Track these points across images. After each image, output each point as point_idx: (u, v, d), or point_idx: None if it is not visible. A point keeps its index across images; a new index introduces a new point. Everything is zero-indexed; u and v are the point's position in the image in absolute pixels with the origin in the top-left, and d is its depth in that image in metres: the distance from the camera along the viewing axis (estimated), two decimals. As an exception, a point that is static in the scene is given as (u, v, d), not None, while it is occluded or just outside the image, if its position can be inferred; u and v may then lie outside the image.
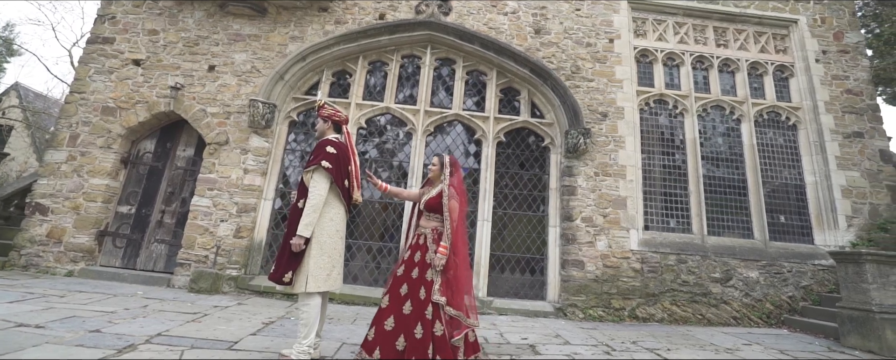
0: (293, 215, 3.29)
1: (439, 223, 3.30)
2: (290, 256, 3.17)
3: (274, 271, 3.21)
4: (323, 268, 3.25)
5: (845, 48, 7.78)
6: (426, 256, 3.23)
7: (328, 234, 3.32)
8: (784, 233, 7.17)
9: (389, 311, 3.12)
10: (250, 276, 6.22)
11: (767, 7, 7.84)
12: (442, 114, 7.07)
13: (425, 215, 3.40)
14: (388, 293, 3.20)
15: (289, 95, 6.85)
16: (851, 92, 7.59)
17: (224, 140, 6.47)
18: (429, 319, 3.07)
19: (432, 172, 3.49)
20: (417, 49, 7.34)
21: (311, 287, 3.17)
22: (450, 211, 3.23)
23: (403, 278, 3.22)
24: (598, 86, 7.21)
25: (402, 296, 3.16)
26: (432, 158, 3.55)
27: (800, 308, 6.51)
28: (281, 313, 5.12)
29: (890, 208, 7.16)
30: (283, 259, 3.20)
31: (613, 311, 6.40)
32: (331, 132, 3.62)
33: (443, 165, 3.43)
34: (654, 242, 6.76)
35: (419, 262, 3.24)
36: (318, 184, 3.25)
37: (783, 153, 7.50)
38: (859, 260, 5.20)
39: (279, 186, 6.71)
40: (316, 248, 3.23)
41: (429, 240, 3.27)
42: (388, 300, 3.16)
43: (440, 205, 3.28)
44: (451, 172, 3.39)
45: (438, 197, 3.32)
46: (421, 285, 3.17)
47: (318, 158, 3.28)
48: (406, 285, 3.19)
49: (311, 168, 3.28)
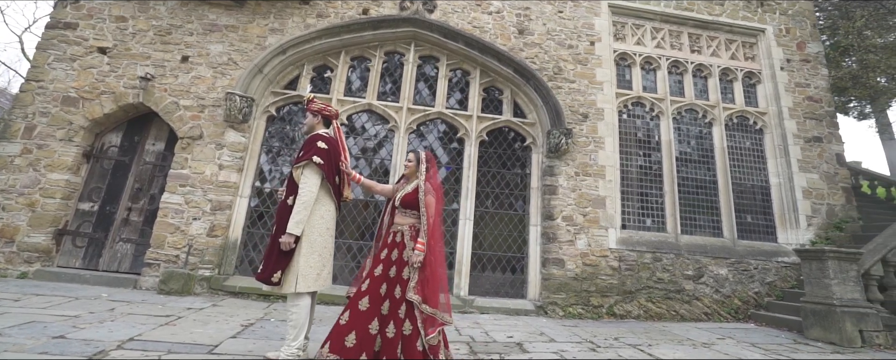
0: (282, 213, 3.17)
1: (416, 220, 3.24)
2: (278, 255, 3.05)
3: (261, 271, 3.08)
4: (313, 267, 3.14)
5: (807, 58, 8.23)
6: (404, 253, 3.16)
7: (319, 232, 3.21)
8: (751, 232, 7.51)
9: (371, 314, 3.02)
10: (224, 276, 5.97)
11: (738, 16, 8.19)
12: (425, 112, 7.01)
13: (400, 211, 3.31)
14: (368, 294, 3.07)
15: (267, 89, 6.61)
16: (812, 99, 8.03)
17: (198, 134, 6.17)
18: (401, 318, 3.02)
19: (408, 169, 3.42)
20: (401, 46, 7.24)
21: (302, 287, 3.05)
22: (426, 207, 3.17)
23: (382, 278, 3.13)
24: (579, 87, 7.33)
25: (382, 296, 3.08)
26: (408, 155, 3.48)
27: (765, 303, 6.83)
28: (259, 314, 4.93)
29: (845, 209, 7.62)
30: (271, 258, 3.07)
31: (592, 308, 6.51)
32: (320, 127, 3.51)
33: (419, 161, 3.37)
34: (632, 240, 6.93)
35: (397, 260, 3.16)
36: (309, 180, 3.14)
37: (750, 156, 7.86)
38: (822, 257, 5.49)
39: (256, 183, 6.47)
40: (306, 246, 3.12)
41: (406, 237, 3.20)
42: (368, 301, 3.04)
43: (416, 201, 3.22)
44: (427, 169, 3.34)
45: (415, 193, 3.26)
46: (397, 283, 3.10)
47: (309, 154, 3.17)
48: (385, 284, 3.11)
49: (302, 164, 3.17)
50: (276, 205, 6.46)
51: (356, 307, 3.01)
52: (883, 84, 9.79)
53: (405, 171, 3.47)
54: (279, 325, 4.49)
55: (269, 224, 6.41)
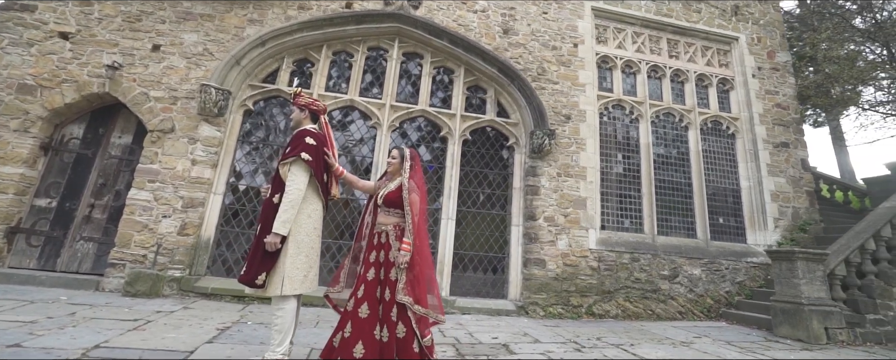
0: (267, 211, 3.01)
1: (400, 219, 3.14)
2: (263, 255, 2.89)
3: (245, 273, 2.91)
4: (300, 269, 3.00)
5: (776, 66, 8.57)
6: (390, 254, 3.06)
7: (306, 231, 3.08)
8: (722, 233, 7.76)
9: (373, 320, 2.92)
10: (196, 277, 5.69)
11: (714, 24, 8.45)
12: (408, 109, 6.89)
13: (383, 210, 3.21)
14: (366, 300, 2.96)
15: (245, 82, 6.33)
16: (780, 106, 8.37)
17: (169, 128, 5.84)
18: (393, 321, 2.92)
19: (392, 166, 3.32)
20: (384, 41, 7.10)
21: (288, 290, 2.91)
22: (411, 205, 3.08)
23: (375, 282, 3.03)
24: (562, 88, 7.38)
25: (379, 300, 2.99)
26: (392, 151, 3.38)
27: (735, 302, 7.06)
28: (234, 317, 4.72)
29: (808, 211, 7.98)
30: (255, 259, 2.91)
31: (572, 308, 6.57)
32: (307, 122, 3.36)
33: (403, 158, 3.28)
34: (611, 241, 7.04)
35: (384, 261, 3.06)
36: (297, 177, 2.99)
37: (723, 160, 8.12)
38: (792, 258, 5.71)
39: (231, 179, 6.19)
40: (293, 247, 2.98)
41: (391, 237, 3.10)
42: (368, 307, 2.93)
43: (400, 199, 3.12)
44: (411, 166, 3.24)
45: (398, 191, 3.16)
46: (385, 286, 3.00)
47: (297, 150, 3.02)
48: (379, 288, 3.02)
49: (290, 160, 3.02)
50: (252, 202, 6.23)
51: (357, 316, 2.89)
52: (837, 94, 10.35)
53: (388, 168, 3.36)
54: (258, 328, 4.30)
55: (244, 222, 6.16)
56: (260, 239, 2.93)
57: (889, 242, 6.29)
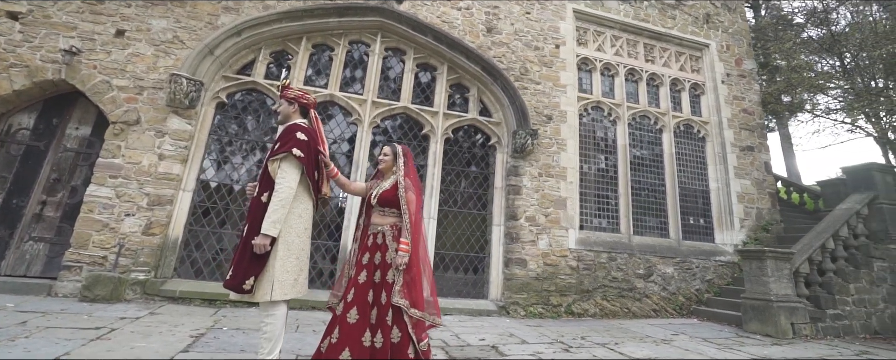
0: (255, 211, 2.81)
1: (397, 218, 3.04)
2: (251, 258, 2.69)
3: (231, 277, 2.70)
4: (290, 272, 2.82)
5: (743, 73, 8.96)
6: (386, 255, 2.94)
7: (296, 232, 2.90)
8: (693, 233, 8.03)
9: (361, 326, 2.78)
10: (162, 279, 5.32)
11: (687, 30, 8.73)
12: (390, 106, 6.73)
13: (378, 210, 3.10)
14: (355, 305, 2.83)
15: (219, 73, 5.97)
16: (746, 111, 8.76)
17: (134, 119, 5.42)
18: (389, 325, 2.81)
19: (384, 164, 3.22)
20: (367, 36, 6.89)
21: (278, 295, 2.72)
22: (408, 204, 2.99)
23: (368, 285, 2.90)
24: (544, 89, 7.42)
25: (370, 304, 2.86)
26: (383, 148, 3.27)
27: (705, 300, 7.32)
28: (207, 322, 4.43)
29: (770, 212, 8.38)
30: (242, 262, 2.70)
31: (552, 308, 6.61)
32: (297, 116, 3.18)
33: (396, 156, 3.19)
34: (589, 241, 7.13)
35: (381, 263, 2.94)
36: (288, 175, 2.81)
37: (694, 162, 8.41)
38: (762, 257, 5.96)
39: (202, 175, 5.84)
40: (283, 248, 2.79)
41: (388, 238, 2.98)
42: (357, 312, 2.80)
43: (396, 198, 3.02)
44: (404, 163, 3.15)
45: (393, 190, 3.06)
46: (382, 288, 2.88)
47: (289, 145, 2.84)
48: (372, 291, 2.89)
49: (280, 156, 2.83)
50: (224, 200, 5.90)
51: (345, 321, 2.75)
52: (795, 101, 10.98)
53: (381, 166, 3.24)
54: (235, 334, 4.05)
55: (216, 221, 5.83)
56: (247, 241, 2.73)
57: (846, 241, 6.69)
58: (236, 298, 2.76)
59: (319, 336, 4.30)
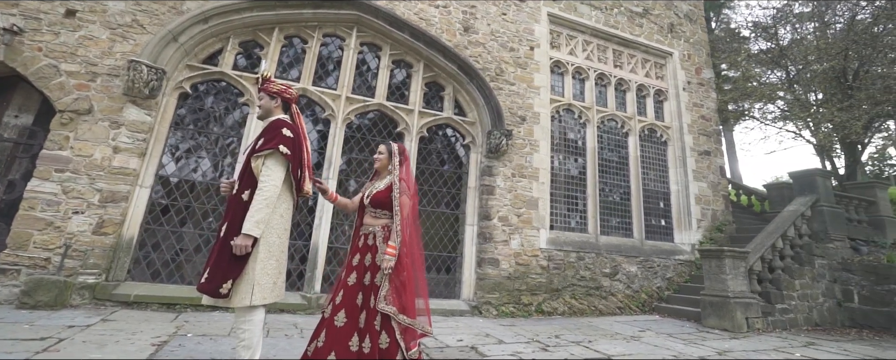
0: (234, 209, 2.63)
1: (389, 220, 2.93)
2: (230, 260, 2.51)
3: (207, 281, 2.50)
4: (270, 274, 2.66)
5: (702, 82, 9.45)
6: (376, 257, 2.85)
7: (278, 232, 2.73)
8: (654, 233, 8.38)
9: (349, 329, 2.67)
10: (115, 283, 4.92)
11: (653, 39, 9.10)
12: (364, 103, 6.56)
13: (371, 211, 3.00)
14: (343, 307, 2.72)
15: (182, 62, 5.56)
16: (704, 118, 9.24)
17: (86, 108, 4.96)
18: (377, 330, 2.71)
19: (379, 163, 3.11)
20: (342, 29, 6.67)
21: (258, 299, 2.56)
22: (400, 207, 2.88)
23: (357, 287, 2.79)
24: (518, 90, 7.49)
25: (359, 307, 2.75)
26: (379, 147, 3.17)
27: (665, 297, 7.66)
28: (169, 329, 4.14)
29: (724, 213, 8.90)
30: (220, 265, 2.52)
31: (523, 307, 6.69)
32: (279, 112, 3.01)
33: (391, 154, 3.08)
34: (559, 241, 7.28)
35: (370, 265, 2.84)
36: (273, 173, 2.66)
37: (656, 165, 8.78)
38: (721, 256, 6.30)
39: (161, 171, 5.44)
40: (264, 250, 2.63)
41: (379, 239, 2.88)
42: (345, 315, 2.69)
43: (389, 200, 2.91)
44: (400, 162, 3.04)
45: (387, 191, 2.95)
46: (371, 291, 2.78)
47: (274, 142, 2.68)
48: (361, 294, 2.78)
49: (266, 152, 2.66)
50: (186, 197, 5.53)
51: (332, 325, 2.63)
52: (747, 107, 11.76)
53: (376, 165, 3.12)
54: (202, 341, 3.80)
55: (176, 220, 5.46)
56: (225, 242, 2.54)
57: (792, 241, 7.20)
58: (209, 302, 2.56)
59: (292, 341, 4.12)
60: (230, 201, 2.69)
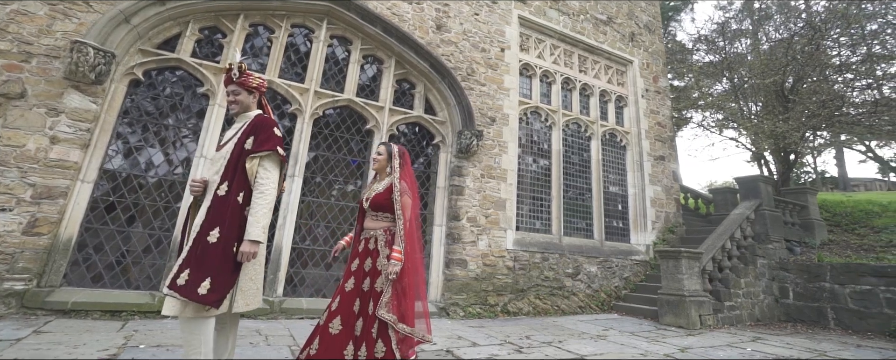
0: (222, 211, 2.39)
1: (390, 223, 2.86)
2: (221, 266, 2.30)
3: (211, 292, 2.24)
4: (253, 280, 2.50)
5: (659, 90, 9.93)
6: (378, 262, 2.75)
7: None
8: (613, 234, 8.71)
9: (344, 337, 2.55)
10: (48, 289, 4.41)
11: (616, 46, 9.44)
12: (333, 98, 6.31)
13: (371, 214, 2.91)
14: (339, 314, 2.60)
15: (135, 45, 5.05)
16: (660, 124, 9.72)
17: (17, 92, 4.38)
18: (373, 338, 2.62)
19: (377, 164, 3.03)
20: (311, 20, 6.36)
21: (241, 306, 2.40)
22: (403, 209, 2.81)
23: (354, 293, 2.68)
24: (488, 91, 7.50)
25: (355, 314, 2.63)
26: (378, 147, 3.07)
27: (623, 295, 7.97)
28: (117, 340, 3.77)
29: (676, 216, 9.40)
30: (205, 268, 2.27)
31: (489, 307, 6.72)
32: (255, 107, 2.82)
33: (391, 156, 3.00)
34: (525, 241, 7.38)
35: (371, 270, 2.75)
36: (271, 175, 2.54)
37: (616, 168, 9.13)
38: (678, 257, 6.63)
39: (107, 164, 4.94)
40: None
41: (380, 243, 2.80)
42: (340, 322, 2.58)
43: (390, 202, 2.84)
44: (400, 164, 2.97)
45: (387, 193, 2.87)
46: (370, 297, 2.68)
47: (272, 142, 2.55)
48: (358, 300, 2.67)
49: (264, 153, 2.49)
50: (135, 194, 5.07)
51: (327, 332, 2.50)
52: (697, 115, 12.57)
53: (374, 166, 3.00)
54: (156, 352, 3.48)
55: (122, 218, 4.98)
56: (208, 244, 2.31)
57: (739, 242, 7.72)
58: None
59: (259, 349, 3.88)
60: (214, 201, 2.43)
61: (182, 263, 2.25)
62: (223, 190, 2.42)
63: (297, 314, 5.39)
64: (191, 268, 2.23)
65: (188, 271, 2.22)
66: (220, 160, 2.54)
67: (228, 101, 2.69)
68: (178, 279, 2.22)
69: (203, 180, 2.57)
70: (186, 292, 2.19)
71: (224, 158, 2.50)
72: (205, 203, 2.45)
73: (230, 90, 2.71)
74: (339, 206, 6.27)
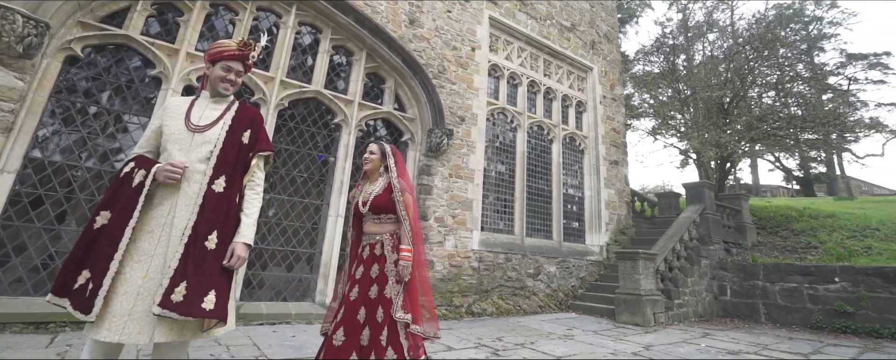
0: (215, 207, 2.01)
1: (395, 225, 2.72)
2: (219, 273, 1.95)
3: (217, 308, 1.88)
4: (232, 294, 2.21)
5: (615, 97, 10.39)
6: (385, 267, 2.60)
7: None
8: (570, 235, 8.99)
9: (348, 348, 2.37)
10: (-45, 296, 3.75)
11: (578, 53, 9.74)
12: (300, 89, 5.93)
13: (372, 218, 2.75)
14: (343, 325, 2.42)
15: (74, 17, 4.38)
16: (615, 130, 10.17)
17: (-80, 63, 3.66)
18: (383, 346, 2.47)
19: (370, 164, 2.87)
20: (280, 5, 5.92)
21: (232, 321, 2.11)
22: (406, 207, 2.70)
23: (360, 302, 2.51)
24: (459, 90, 7.43)
25: (360, 324, 2.46)
26: (371, 146, 2.91)
27: (579, 295, 8.24)
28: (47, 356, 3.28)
29: (627, 218, 9.89)
30: (223, 283, 1.96)
31: (454, 308, 6.67)
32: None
33: (385, 155, 2.88)
34: (489, 242, 7.41)
35: (378, 277, 2.59)
36: (262, 175, 2.28)
37: (574, 171, 9.43)
38: (635, 258, 6.94)
39: (33, 152, 4.27)
40: None
41: (387, 248, 2.65)
42: (344, 333, 2.40)
43: (391, 203, 2.70)
44: (394, 163, 2.86)
45: (387, 194, 2.73)
46: (378, 304, 2.53)
47: (269, 143, 2.33)
48: (364, 309, 2.50)
49: (266, 153, 2.25)
50: (67, 187, 4.44)
51: (331, 344, 2.32)
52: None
53: (366, 166, 2.83)
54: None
55: (51, 214, 4.34)
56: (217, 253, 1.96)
57: (687, 244, 8.25)
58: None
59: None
60: (210, 200, 2.01)
61: (174, 274, 1.83)
62: (220, 186, 2.03)
63: (256, 319, 5.01)
64: (188, 280, 1.83)
65: (185, 284, 1.82)
66: (204, 146, 2.09)
67: (227, 79, 2.24)
68: (173, 295, 1.80)
69: (183, 166, 2.03)
70: (188, 309, 1.79)
71: (213, 145, 2.09)
72: (191, 198, 2.00)
73: (237, 70, 2.30)
74: (302, 204, 5.91)
